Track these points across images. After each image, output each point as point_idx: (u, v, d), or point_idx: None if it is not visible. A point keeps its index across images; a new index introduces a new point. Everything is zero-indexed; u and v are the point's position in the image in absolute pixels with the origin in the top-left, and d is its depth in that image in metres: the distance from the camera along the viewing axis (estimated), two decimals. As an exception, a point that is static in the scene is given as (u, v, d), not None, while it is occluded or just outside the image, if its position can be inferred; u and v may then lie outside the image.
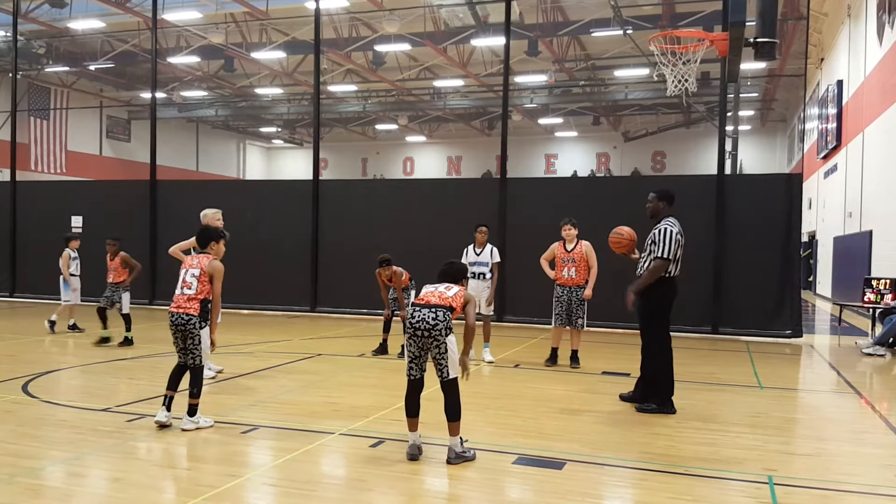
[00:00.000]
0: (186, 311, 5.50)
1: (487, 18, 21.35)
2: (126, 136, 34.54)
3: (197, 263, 5.63)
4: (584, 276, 8.61)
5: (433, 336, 4.75)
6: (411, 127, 36.88)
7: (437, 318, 4.77)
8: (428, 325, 4.75)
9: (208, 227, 6.07)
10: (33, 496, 4.15)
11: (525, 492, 4.42)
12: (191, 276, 5.58)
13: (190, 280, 5.56)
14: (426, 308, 4.83)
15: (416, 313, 4.83)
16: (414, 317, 4.83)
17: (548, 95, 29.37)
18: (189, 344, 5.55)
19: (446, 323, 4.78)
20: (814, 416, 6.92)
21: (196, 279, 5.55)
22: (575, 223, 8.76)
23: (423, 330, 4.76)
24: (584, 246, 8.68)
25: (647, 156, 36.47)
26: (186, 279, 5.59)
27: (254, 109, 33.94)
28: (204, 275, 5.56)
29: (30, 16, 22.41)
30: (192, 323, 5.50)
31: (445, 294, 4.94)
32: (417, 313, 4.82)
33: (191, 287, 5.54)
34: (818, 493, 4.44)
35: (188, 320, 5.49)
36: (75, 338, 10.81)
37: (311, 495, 4.26)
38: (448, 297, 4.91)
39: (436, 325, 4.75)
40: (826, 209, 23.24)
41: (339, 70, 28.59)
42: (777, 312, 11.81)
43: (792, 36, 21.69)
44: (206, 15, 22.10)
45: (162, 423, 5.49)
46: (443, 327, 4.76)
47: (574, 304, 8.55)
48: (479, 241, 9.17)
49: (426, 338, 4.77)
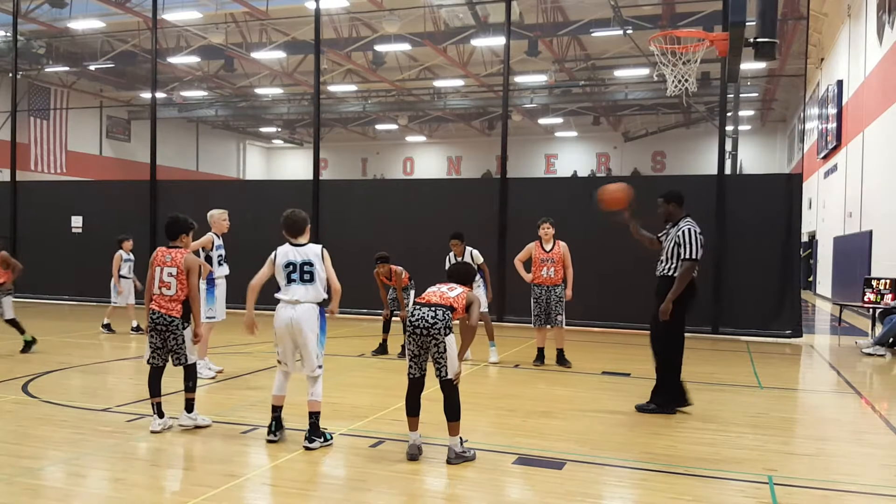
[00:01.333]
0: (169, 313, 5.42)
1: (487, 18, 21.35)
2: (126, 136, 34.54)
3: (171, 261, 5.48)
4: (561, 275, 8.61)
5: (432, 335, 4.74)
6: (411, 127, 36.89)
7: (436, 317, 4.76)
8: (427, 324, 4.74)
9: (177, 217, 5.73)
10: (33, 496, 4.15)
11: (525, 492, 4.42)
12: (168, 275, 5.44)
13: (168, 280, 5.43)
14: (426, 307, 4.82)
15: (415, 311, 4.83)
16: (414, 315, 4.82)
17: (548, 95, 29.37)
18: (172, 345, 5.49)
19: (446, 322, 4.77)
20: (814, 416, 6.92)
21: (174, 278, 5.44)
22: (553, 222, 8.72)
23: (422, 328, 4.75)
24: (561, 246, 8.67)
25: (647, 156, 36.48)
26: (164, 278, 5.44)
27: (254, 109, 33.95)
28: (181, 273, 5.44)
29: (30, 16, 22.41)
30: (175, 324, 5.44)
31: (447, 294, 4.92)
32: (417, 311, 4.82)
33: (170, 287, 5.43)
34: (818, 492, 4.44)
35: (171, 321, 5.42)
36: (75, 338, 10.79)
37: (311, 495, 4.27)
38: (449, 298, 4.89)
39: (434, 323, 4.74)
40: (826, 209, 23.24)
41: (339, 70, 28.59)
42: (777, 312, 11.82)
43: (792, 36, 21.69)
44: (206, 15, 22.10)
45: (159, 432, 5.42)
46: (442, 326, 4.74)
47: (553, 303, 8.57)
48: (457, 251, 8.90)
49: (425, 336, 4.76)
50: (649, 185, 15.24)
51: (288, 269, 5.15)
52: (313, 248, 5.22)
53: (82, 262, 15.66)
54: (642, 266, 12.26)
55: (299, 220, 5.29)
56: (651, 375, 6.62)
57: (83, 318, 13.06)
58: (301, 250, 5.19)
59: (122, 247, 11.28)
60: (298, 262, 5.13)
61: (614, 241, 12.37)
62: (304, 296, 5.10)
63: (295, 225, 5.26)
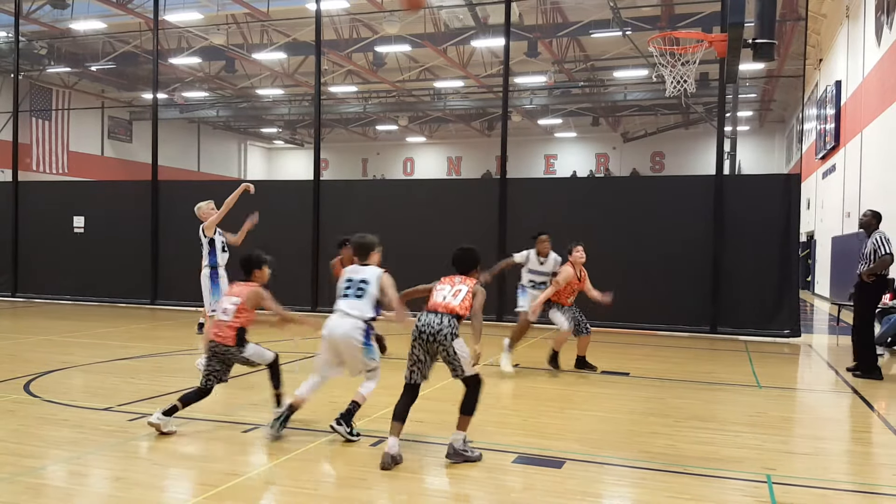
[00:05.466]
0: (224, 342, 5.56)
1: (487, 20, 21.38)
2: (128, 136, 34.58)
3: (238, 292, 5.70)
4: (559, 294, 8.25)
5: (438, 341, 4.80)
6: (411, 127, 36.92)
7: (441, 324, 4.82)
8: (433, 331, 4.82)
9: (250, 255, 5.92)
10: (35, 495, 4.18)
11: (525, 491, 4.44)
12: (230, 303, 5.65)
13: (229, 307, 5.63)
14: (432, 314, 4.91)
15: (422, 317, 4.92)
16: (420, 320, 4.91)
17: (547, 96, 29.42)
18: (229, 366, 5.69)
19: (452, 329, 4.83)
20: (812, 416, 6.95)
21: (234, 307, 5.61)
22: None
23: (429, 335, 4.82)
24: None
25: (646, 156, 36.51)
26: (227, 306, 5.65)
27: (255, 110, 33.99)
28: (243, 304, 5.61)
29: (31, 17, 22.45)
30: (231, 352, 5.60)
31: (451, 304, 4.95)
32: (424, 318, 4.91)
33: (227, 314, 5.61)
34: (817, 492, 4.46)
35: (225, 351, 5.59)
36: (77, 337, 10.82)
37: (312, 495, 4.29)
38: (454, 307, 4.93)
39: (440, 330, 4.80)
40: (824, 209, 23.26)
41: (339, 71, 28.63)
42: (776, 312, 11.84)
43: (790, 37, 21.72)
44: (207, 16, 22.15)
45: (155, 425, 5.34)
46: (448, 332, 4.80)
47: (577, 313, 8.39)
48: (543, 251, 8.49)
49: (431, 342, 4.82)
50: (648, 186, 15.29)
51: (346, 283, 5.37)
52: (374, 269, 5.41)
53: (84, 261, 15.68)
54: (642, 266, 12.40)
55: (364, 244, 5.53)
56: (651, 375, 6.63)
57: (85, 318, 13.08)
58: (362, 269, 5.42)
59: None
60: (356, 279, 5.34)
61: (614, 241, 12.45)
62: (351, 309, 5.24)
63: (360, 248, 5.53)
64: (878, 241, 8.40)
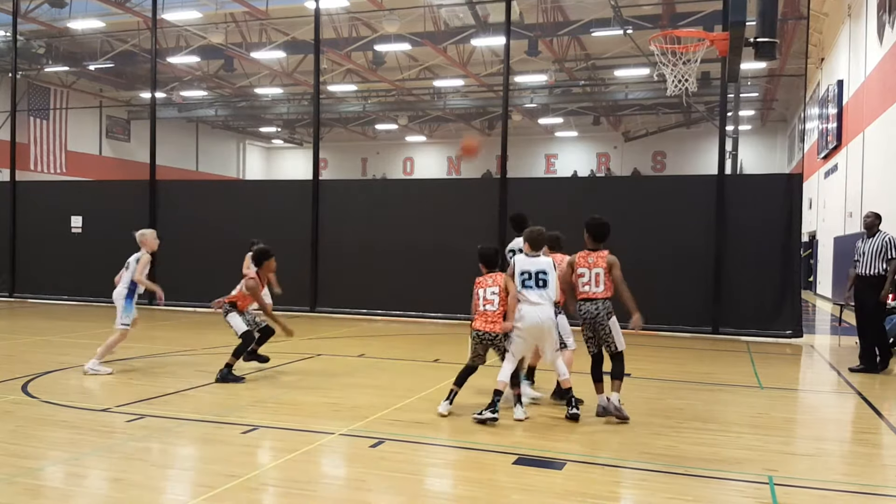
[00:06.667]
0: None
1: (487, 18, 21.35)
2: (126, 136, 34.55)
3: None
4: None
5: (596, 321, 5.99)
6: (411, 127, 36.89)
7: (598, 308, 6.02)
8: (591, 315, 6.00)
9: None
10: (33, 496, 4.15)
11: (525, 492, 4.41)
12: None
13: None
14: (588, 301, 6.01)
15: (582, 306, 6.06)
16: (581, 309, 6.07)
17: (548, 95, 29.38)
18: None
19: (606, 309, 6.00)
20: (814, 417, 6.92)
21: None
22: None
23: (589, 319, 6.02)
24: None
25: (648, 156, 36.48)
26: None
27: (254, 109, 33.94)
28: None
29: (29, 16, 22.40)
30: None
31: (596, 292, 6.08)
32: (583, 306, 6.05)
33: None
34: (818, 493, 4.44)
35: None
36: (75, 338, 10.79)
37: (311, 495, 4.26)
38: (597, 294, 6.08)
39: (598, 314, 6.01)
40: (826, 209, 23.24)
41: (338, 70, 28.59)
42: (777, 312, 11.80)
43: (792, 36, 21.69)
44: (205, 15, 22.10)
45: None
46: (603, 312, 5.99)
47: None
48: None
49: (591, 323, 6.03)
50: (649, 185, 15.26)
51: (523, 276, 5.99)
52: (545, 259, 6.13)
53: (82, 262, 15.64)
54: (641, 266, 12.33)
55: (546, 237, 6.35)
56: (652, 376, 6.61)
57: (83, 318, 13.05)
58: (535, 261, 6.06)
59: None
60: (533, 270, 5.98)
61: (615, 241, 12.37)
62: (542, 298, 5.95)
63: (535, 241, 6.15)
64: (889, 244, 8.55)
